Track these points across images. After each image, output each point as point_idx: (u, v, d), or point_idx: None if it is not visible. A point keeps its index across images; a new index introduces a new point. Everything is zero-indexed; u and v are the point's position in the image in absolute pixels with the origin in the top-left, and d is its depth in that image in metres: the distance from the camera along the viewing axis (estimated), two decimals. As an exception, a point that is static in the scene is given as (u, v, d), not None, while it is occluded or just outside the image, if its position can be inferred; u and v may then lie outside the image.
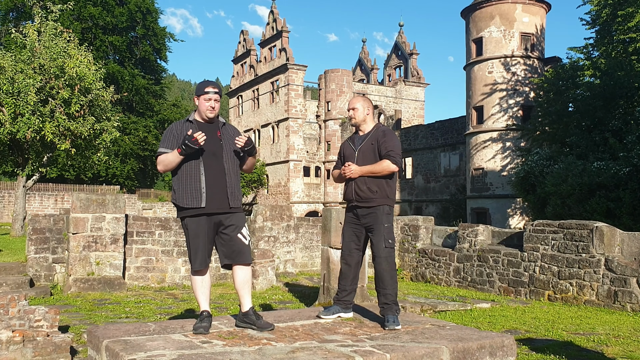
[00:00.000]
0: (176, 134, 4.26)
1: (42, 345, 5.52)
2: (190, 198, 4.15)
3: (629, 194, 17.04)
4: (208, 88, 4.28)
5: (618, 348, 6.79)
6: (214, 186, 4.18)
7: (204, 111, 4.28)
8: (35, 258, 11.13)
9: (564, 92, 24.72)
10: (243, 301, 4.28)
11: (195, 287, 4.30)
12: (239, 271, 4.29)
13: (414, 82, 54.93)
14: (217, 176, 4.20)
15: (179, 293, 11.12)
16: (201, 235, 4.18)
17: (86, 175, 44.73)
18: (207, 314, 4.15)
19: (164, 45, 54.55)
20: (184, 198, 4.18)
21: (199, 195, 4.14)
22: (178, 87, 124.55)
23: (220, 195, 4.19)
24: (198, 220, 4.18)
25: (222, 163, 4.25)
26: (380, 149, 4.66)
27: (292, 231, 15.04)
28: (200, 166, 4.17)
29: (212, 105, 4.26)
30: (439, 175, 39.96)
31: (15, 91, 19.10)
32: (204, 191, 4.15)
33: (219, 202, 4.18)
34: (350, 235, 4.75)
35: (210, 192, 4.16)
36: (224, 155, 4.27)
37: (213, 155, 4.22)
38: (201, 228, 4.18)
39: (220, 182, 4.20)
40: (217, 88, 4.35)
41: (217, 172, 4.21)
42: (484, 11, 32.41)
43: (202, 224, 4.18)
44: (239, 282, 4.30)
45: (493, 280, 12.42)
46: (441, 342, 3.82)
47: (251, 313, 4.19)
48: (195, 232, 4.18)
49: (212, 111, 4.27)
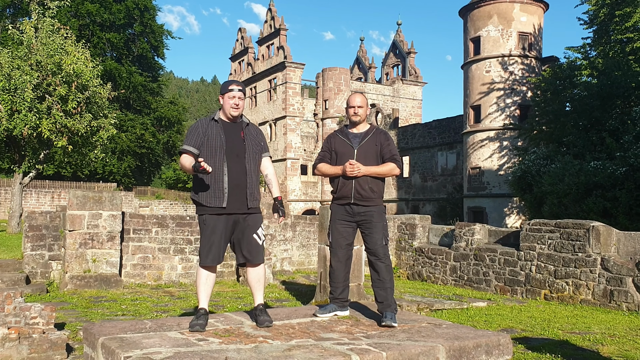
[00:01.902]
0: (200, 132, 4.33)
1: (38, 342, 5.51)
2: (213, 197, 4.25)
3: (625, 194, 17.07)
4: (232, 86, 4.38)
5: (613, 347, 6.80)
6: (235, 187, 4.28)
7: (228, 109, 4.36)
8: (32, 255, 11.11)
9: (561, 92, 24.75)
10: (254, 297, 4.45)
11: (199, 282, 4.37)
12: (252, 270, 4.44)
13: (411, 81, 54.94)
14: (239, 177, 4.30)
15: (176, 291, 11.11)
16: (218, 232, 4.27)
17: (83, 172, 44.63)
18: (204, 312, 4.20)
19: (161, 42, 54.38)
20: (205, 196, 4.27)
21: (222, 195, 4.24)
22: (175, 85, 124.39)
23: (240, 196, 4.30)
24: (218, 218, 4.27)
25: (244, 164, 4.34)
26: (384, 151, 4.71)
27: (289, 229, 15.04)
28: (224, 167, 4.26)
29: (236, 102, 4.34)
30: (436, 174, 39.99)
31: (12, 88, 19.04)
32: (226, 192, 4.25)
33: (239, 203, 4.29)
34: (340, 231, 4.75)
35: (231, 192, 4.27)
36: (247, 156, 4.36)
37: (236, 156, 4.31)
38: (220, 225, 4.27)
39: (241, 183, 4.31)
40: (242, 86, 4.43)
41: (239, 172, 4.31)
42: (482, 10, 32.42)
43: (221, 221, 4.28)
44: (251, 279, 4.46)
45: (489, 279, 12.44)
46: (437, 340, 3.82)
47: (258, 308, 4.32)
48: (213, 229, 4.27)
49: (236, 109, 4.35)
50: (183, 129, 55.54)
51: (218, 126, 4.35)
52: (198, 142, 4.29)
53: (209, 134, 4.31)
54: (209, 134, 4.31)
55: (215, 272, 4.40)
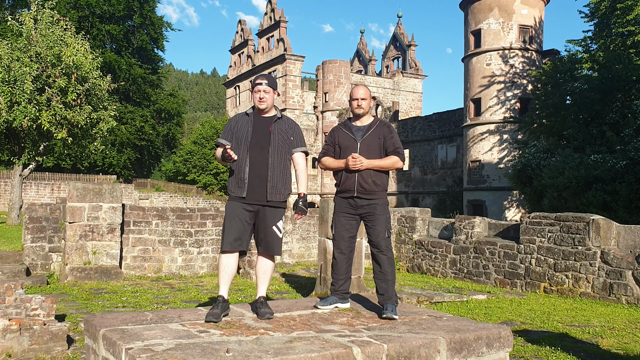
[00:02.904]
0: (232, 126, 4.54)
1: (39, 333, 5.52)
2: (236, 187, 4.42)
3: (625, 187, 17.07)
4: (258, 80, 4.50)
5: (613, 340, 6.82)
6: (255, 178, 4.39)
7: (255, 103, 4.52)
8: (32, 247, 11.12)
9: (561, 85, 24.68)
10: (257, 289, 4.49)
11: (219, 269, 4.44)
12: (264, 260, 4.51)
13: (412, 74, 54.84)
14: (260, 169, 4.41)
15: (176, 283, 11.12)
16: (237, 218, 4.36)
17: (83, 164, 44.54)
18: (222, 299, 4.23)
19: (161, 34, 54.20)
20: (231, 186, 4.47)
21: (243, 185, 4.38)
22: (175, 77, 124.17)
23: (260, 188, 4.39)
24: (238, 205, 4.40)
25: (267, 157, 4.42)
26: (387, 144, 4.70)
27: (289, 222, 15.05)
28: (247, 158, 4.40)
29: (261, 96, 4.46)
30: (435, 167, 39.99)
31: (12, 79, 18.99)
32: (246, 182, 4.38)
33: (259, 195, 4.39)
34: (343, 224, 4.74)
35: (251, 184, 4.38)
36: (270, 150, 4.44)
37: (260, 149, 4.42)
38: (238, 212, 4.37)
39: (262, 175, 4.40)
40: (267, 80, 4.52)
41: (261, 165, 4.41)
42: (483, 3, 32.30)
43: (240, 209, 4.38)
44: (260, 269, 4.51)
45: (489, 272, 12.46)
46: (438, 333, 3.82)
47: (259, 300, 4.35)
48: (231, 215, 4.39)
49: (262, 102, 4.47)
50: (183, 121, 55.46)
51: (249, 119, 4.52)
52: (229, 135, 4.50)
53: (238, 127, 4.49)
54: (238, 127, 4.49)
55: (235, 260, 4.42)
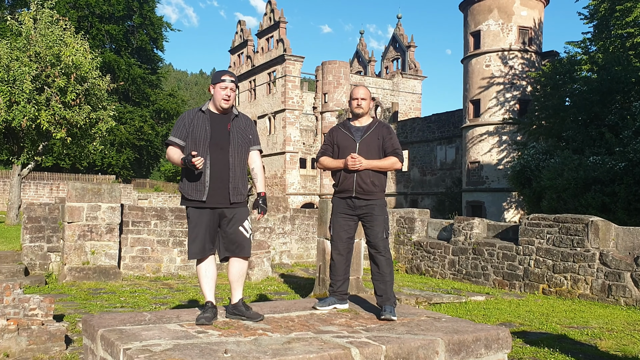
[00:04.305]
0: (187, 124, 4.23)
1: (37, 333, 5.51)
2: (195, 190, 4.16)
3: (624, 189, 17.08)
4: (224, 76, 4.24)
5: (611, 342, 6.82)
6: (217, 180, 4.17)
7: (219, 100, 4.22)
8: (30, 247, 11.10)
9: (561, 87, 24.70)
10: (234, 293, 4.29)
11: (200, 277, 4.31)
12: (236, 263, 4.29)
13: (411, 75, 54.83)
14: (221, 171, 4.19)
15: (175, 283, 11.11)
16: (200, 225, 4.18)
17: (82, 164, 44.51)
18: (211, 305, 4.12)
19: (160, 34, 54.24)
20: (188, 189, 4.19)
21: (203, 188, 4.14)
22: (174, 77, 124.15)
23: (222, 190, 4.18)
24: (200, 211, 4.19)
25: (228, 157, 4.22)
26: (386, 145, 4.68)
27: (288, 222, 15.05)
28: (207, 159, 4.15)
29: (227, 94, 4.20)
30: (435, 168, 39.99)
31: (11, 79, 18.97)
32: (207, 185, 4.14)
33: (221, 197, 4.18)
34: (341, 224, 4.73)
35: (213, 186, 4.16)
36: (230, 150, 4.23)
37: (220, 149, 4.19)
38: (202, 218, 4.18)
39: (223, 176, 4.19)
40: (234, 77, 4.30)
41: (222, 166, 4.19)
42: (483, 4, 32.32)
43: (203, 214, 4.19)
44: (234, 274, 4.30)
45: (488, 273, 12.46)
46: (437, 334, 3.82)
47: (240, 304, 4.20)
48: (195, 222, 4.19)
49: (227, 101, 4.22)
50: (182, 121, 55.23)
51: (205, 117, 4.24)
52: (184, 134, 4.21)
53: (194, 125, 4.20)
54: (194, 125, 4.20)
55: (213, 263, 4.29)
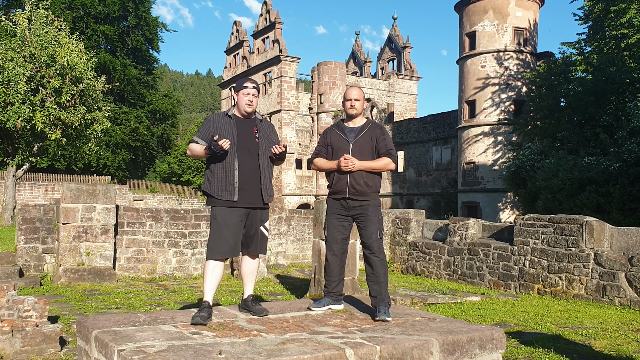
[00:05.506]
0: (212, 126, 4.41)
1: (31, 335, 5.49)
2: (224, 190, 4.32)
3: (618, 189, 17.15)
4: (247, 83, 4.47)
5: (606, 342, 6.84)
6: (247, 182, 4.35)
7: (242, 106, 4.45)
8: (25, 248, 11.07)
9: (555, 87, 24.79)
10: (246, 288, 4.50)
11: (206, 274, 4.38)
12: (250, 259, 4.52)
13: (407, 76, 54.89)
14: (251, 173, 4.38)
15: (170, 284, 11.09)
16: (231, 225, 4.31)
17: (77, 165, 44.47)
18: (208, 305, 4.19)
19: (156, 35, 54.07)
20: (217, 189, 4.33)
21: (232, 189, 4.31)
22: (170, 78, 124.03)
23: (253, 191, 4.37)
24: (230, 210, 4.33)
25: (257, 160, 4.42)
26: (379, 146, 4.69)
27: (284, 223, 15.04)
28: (235, 161, 4.33)
29: (250, 99, 4.43)
30: (430, 168, 40.05)
31: (5, 80, 18.91)
32: (236, 186, 4.31)
33: (252, 198, 4.37)
34: (336, 225, 4.74)
35: (243, 187, 4.33)
36: (259, 153, 4.44)
37: (248, 152, 4.39)
38: (232, 218, 4.32)
39: (254, 178, 4.38)
40: (255, 84, 4.52)
41: (252, 168, 4.39)
42: (478, 5, 32.40)
43: (233, 215, 4.33)
44: (247, 269, 4.53)
45: (483, 273, 12.48)
46: (431, 334, 3.83)
47: (249, 300, 4.39)
48: (224, 222, 4.31)
49: (250, 106, 4.44)
50: (177, 122, 55.37)
51: (231, 121, 4.44)
52: (206, 135, 4.36)
53: (221, 129, 4.37)
54: (221, 129, 4.37)
55: (223, 265, 4.41)
